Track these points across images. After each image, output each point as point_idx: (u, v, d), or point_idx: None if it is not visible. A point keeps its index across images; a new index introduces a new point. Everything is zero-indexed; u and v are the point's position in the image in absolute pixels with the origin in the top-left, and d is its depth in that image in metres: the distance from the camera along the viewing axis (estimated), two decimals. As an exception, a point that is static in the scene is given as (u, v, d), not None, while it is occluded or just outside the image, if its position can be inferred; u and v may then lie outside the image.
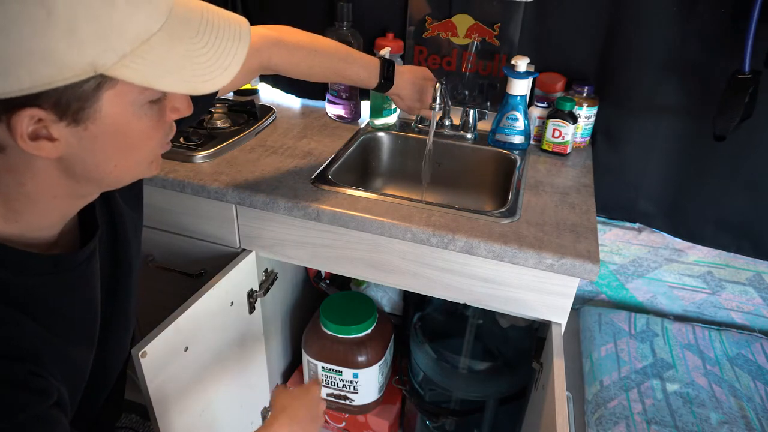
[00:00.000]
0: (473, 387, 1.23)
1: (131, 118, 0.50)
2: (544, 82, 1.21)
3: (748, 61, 0.97)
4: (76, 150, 0.49)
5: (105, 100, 0.47)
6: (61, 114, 0.45)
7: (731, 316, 1.41)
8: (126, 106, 0.49)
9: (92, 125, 0.47)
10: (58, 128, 0.46)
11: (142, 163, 0.55)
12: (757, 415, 1.11)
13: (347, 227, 0.95)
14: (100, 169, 0.52)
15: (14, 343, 0.50)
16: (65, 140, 0.47)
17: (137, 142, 0.52)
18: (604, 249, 1.42)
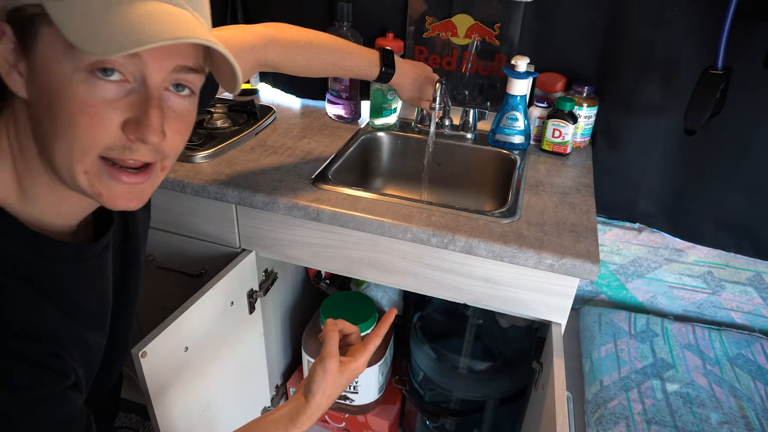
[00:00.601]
0: (473, 387, 1.23)
1: (65, 79, 0.46)
2: (544, 82, 1.21)
3: (721, 57, 0.98)
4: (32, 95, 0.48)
5: (42, 37, 0.46)
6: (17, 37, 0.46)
7: (731, 316, 1.41)
8: (59, 57, 0.45)
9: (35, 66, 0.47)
10: (22, 64, 0.47)
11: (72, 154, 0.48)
12: (757, 415, 1.11)
13: (347, 227, 0.95)
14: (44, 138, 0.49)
15: (37, 324, 0.51)
16: (26, 77, 0.47)
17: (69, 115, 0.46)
18: (604, 249, 1.42)
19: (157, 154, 0.52)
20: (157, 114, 0.49)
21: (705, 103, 1.00)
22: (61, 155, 0.49)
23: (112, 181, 0.51)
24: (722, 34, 0.96)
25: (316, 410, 0.71)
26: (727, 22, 0.95)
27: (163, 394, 0.86)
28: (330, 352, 0.71)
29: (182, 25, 0.47)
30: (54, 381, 0.51)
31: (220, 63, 0.53)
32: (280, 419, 0.70)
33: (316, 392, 0.70)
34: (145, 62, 0.47)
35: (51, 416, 0.50)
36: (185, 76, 0.51)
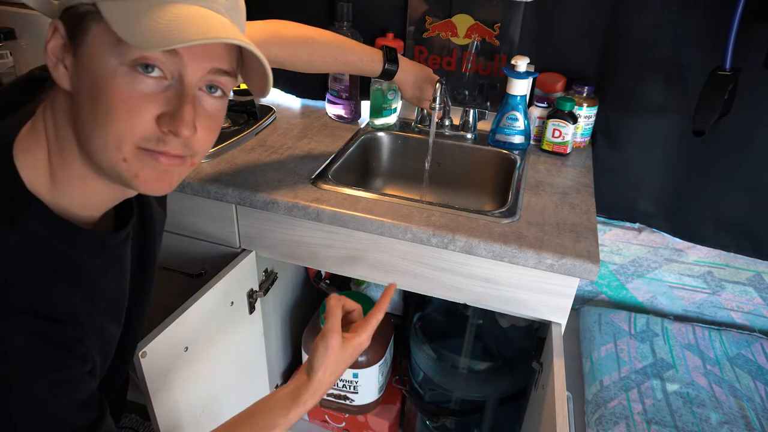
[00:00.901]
0: (473, 387, 1.23)
1: (109, 72, 0.49)
2: (544, 82, 1.21)
3: (729, 59, 0.97)
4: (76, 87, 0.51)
5: (91, 33, 0.49)
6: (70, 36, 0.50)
7: (731, 316, 1.41)
8: (103, 50, 0.49)
9: (80, 58, 0.50)
10: (68, 58, 0.51)
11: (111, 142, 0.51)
12: (757, 415, 1.11)
13: (347, 227, 0.95)
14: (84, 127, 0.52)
15: (63, 308, 0.53)
16: (71, 71, 0.51)
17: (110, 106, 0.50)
18: (604, 249, 1.42)
19: (187, 149, 0.55)
20: (191, 110, 0.52)
21: (713, 104, 0.99)
22: (99, 143, 0.52)
23: (151, 161, 0.53)
24: (730, 35, 0.96)
25: (319, 387, 0.70)
26: (734, 23, 0.94)
27: (163, 394, 0.86)
28: (332, 328, 0.70)
29: (221, 28, 0.51)
30: (76, 365, 0.53)
31: (251, 67, 0.57)
32: (283, 398, 0.69)
33: (318, 369, 0.69)
34: (184, 62, 0.51)
35: (73, 398, 0.52)
36: (219, 78, 0.55)
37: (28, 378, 0.48)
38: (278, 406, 0.69)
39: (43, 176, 0.54)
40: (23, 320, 0.49)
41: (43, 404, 0.49)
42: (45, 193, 0.54)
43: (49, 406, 0.50)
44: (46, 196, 0.54)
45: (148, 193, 0.57)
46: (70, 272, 0.55)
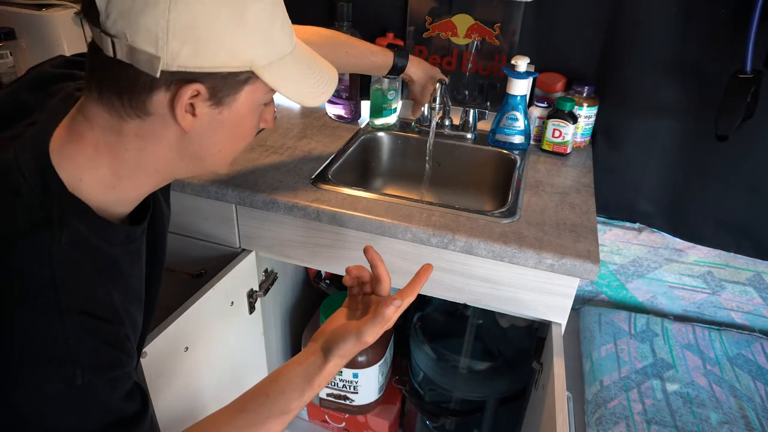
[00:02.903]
0: (473, 387, 1.23)
1: (250, 114, 0.60)
2: (544, 82, 1.21)
3: (750, 61, 0.97)
4: (203, 129, 0.57)
5: (243, 93, 0.57)
6: (212, 95, 0.54)
7: (731, 316, 1.41)
8: (252, 102, 0.59)
9: (226, 111, 0.57)
10: (202, 107, 0.55)
11: (230, 157, 0.63)
12: (757, 415, 1.11)
13: (347, 227, 0.95)
14: (207, 151, 0.60)
15: (110, 308, 0.55)
16: (202, 118, 0.56)
17: (245, 134, 0.62)
18: (604, 249, 1.42)
19: None
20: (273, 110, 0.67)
21: (736, 107, 0.99)
22: (223, 161, 0.63)
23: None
24: (749, 36, 0.94)
25: (334, 370, 0.67)
26: (753, 23, 0.93)
27: (163, 394, 0.86)
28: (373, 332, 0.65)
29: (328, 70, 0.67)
30: (128, 361, 0.56)
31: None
32: (296, 379, 0.66)
33: (338, 356, 0.66)
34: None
35: (123, 391, 0.55)
36: None
37: (91, 377, 0.50)
38: (291, 387, 0.66)
39: (93, 182, 0.56)
40: (79, 321, 0.50)
41: (103, 401, 0.52)
42: (89, 195, 0.56)
43: (108, 402, 0.52)
44: (90, 198, 0.56)
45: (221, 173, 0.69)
46: (110, 271, 0.58)
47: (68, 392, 0.49)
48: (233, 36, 0.52)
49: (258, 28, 0.54)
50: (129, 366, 0.57)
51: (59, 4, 1.35)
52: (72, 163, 0.55)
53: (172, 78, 0.52)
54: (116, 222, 0.60)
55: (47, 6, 1.34)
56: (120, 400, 0.54)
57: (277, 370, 0.69)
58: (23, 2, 1.33)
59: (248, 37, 0.54)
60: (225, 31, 0.52)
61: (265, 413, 0.65)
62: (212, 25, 0.51)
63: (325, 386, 0.69)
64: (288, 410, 0.66)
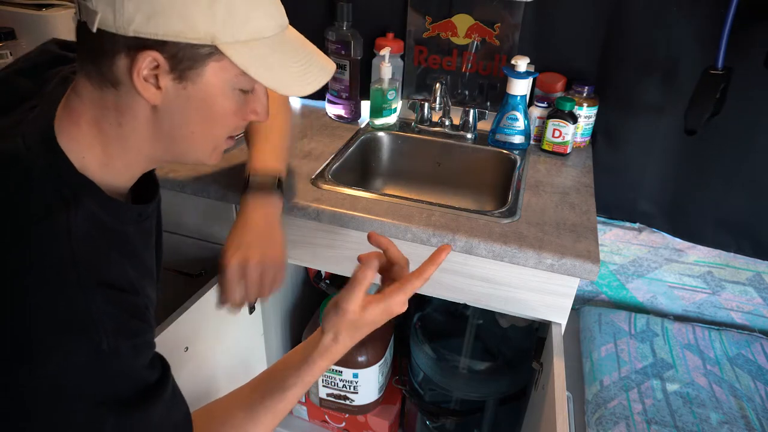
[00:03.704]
0: (473, 387, 1.23)
1: (220, 95, 0.58)
2: (544, 82, 1.21)
3: (722, 58, 0.98)
4: (170, 105, 0.57)
5: (208, 69, 0.56)
6: (173, 66, 0.54)
7: (731, 316, 1.41)
8: (221, 82, 0.57)
9: (191, 86, 0.56)
10: (165, 79, 0.55)
11: (209, 144, 0.62)
12: (757, 415, 1.11)
13: (347, 227, 0.95)
14: (179, 131, 0.59)
15: (126, 281, 0.57)
16: (166, 92, 0.56)
17: (217, 118, 0.60)
18: (604, 249, 1.42)
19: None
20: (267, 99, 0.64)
21: (705, 103, 1.00)
22: (204, 146, 0.62)
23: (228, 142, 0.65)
24: (722, 34, 0.96)
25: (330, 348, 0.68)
26: (727, 22, 0.95)
27: (163, 394, 0.86)
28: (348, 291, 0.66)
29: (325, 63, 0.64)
30: (148, 329, 0.59)
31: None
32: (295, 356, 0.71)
33: (328, 330, 0.67)
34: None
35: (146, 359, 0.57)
36: None
37: (115, 343, 0.52)
38: (290, 365, 0.70)
39: (92, 160, 0.58)
40: (99, 292, 0.52)
41: (128, 367, 0.54)
42: (93, 174, 0.58)
43: (132, 367, 0.55)
44: (94, 176, 0.58)
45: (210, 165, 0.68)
46: (122, 247, 0.60)
47: (95, 358, 0.51)
48: (191, 4, 0.52)
49: (221, 1, 0.53)
50: (149, 335, 0.59)
51: (59, 4, 1.35)
52: (74, 143, 0.57)
53: (129, 43, 0.52)
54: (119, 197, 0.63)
55: (47, 6, 1.34)
56: (143, 367, 0.56)
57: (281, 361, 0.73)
58: (23, 2, 1.33)
59: (207, 8, 0.53)
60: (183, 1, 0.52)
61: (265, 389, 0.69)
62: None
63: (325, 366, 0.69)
64: (285, 386, 0.68)
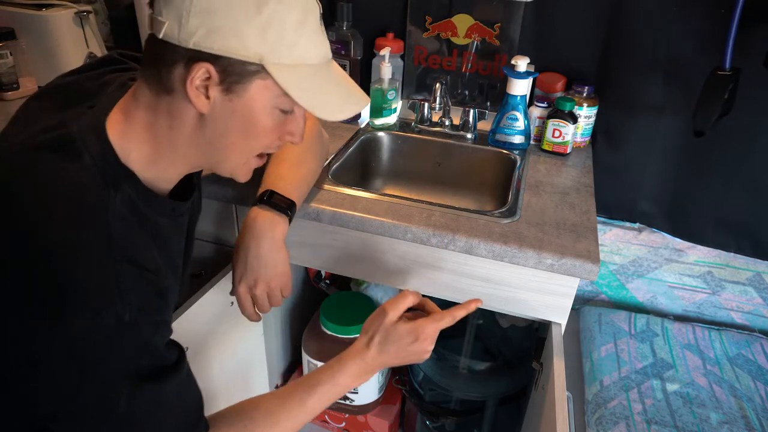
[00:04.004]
0: (473, 387, 1.23)
1: (262, 111, 0.63)
2: (544, 82, 1.21)
3: (729, 58, 0.97)
4: (216, 115, 0.62)
5: (254, 86, 0.61)
6: (222, 79, 0.60)
7: (731, 316, 1.41)
8: (264, 99, 0.62)
9: (236, 99, 0.62)
10: (214, 90, 0.61)
11: (243, 157, 0.67)
12: (757, 415, 1.11)
13: (347, 227, 0.95)
14: (220, 141, 0.64)
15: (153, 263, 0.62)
16: (214, 102, 0.61)
17: (255, 133, 0.65)
18: (604, 249, 1.42)
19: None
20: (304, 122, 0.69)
21: (713, 104, 0.99)
22: (237, 158, 0.67)
23: (255, 163, 0.70)
24: (729, 35, 0.95)
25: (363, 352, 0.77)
26: (734, 23, 0.94)
27: (163, 394, 0.86)
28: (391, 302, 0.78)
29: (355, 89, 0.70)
30: (168, 310, 0.64)
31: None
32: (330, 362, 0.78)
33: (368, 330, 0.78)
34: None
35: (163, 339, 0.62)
36: None
37: (138, 316, 0.56)
38: (326, 365, 0.77)
39: (137, 154, 0.64)
40: (129, 267, 0.57)
41: (147, 342, 0.58)
42: (136, 168, 0.64)
43: (151, 343, 0.59)
44: (137, 171, 0.64)
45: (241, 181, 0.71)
46: (154, 235, 0.65)
47: (117, 328, 0.55)
48: (246, 25, 0.58)
49: (273, 25, 0.59)
50: (168, 316, 0.64)
51: (59, 4, 1.35)
52: (123, 140, 0.63)
53: (188, 54, 0.59)
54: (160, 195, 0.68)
55: (47, 6, 1.34)
56: (162, 346, 0.61)
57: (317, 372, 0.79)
58: (23, 2, 1.33)
59: (261, 30, 0.58)
60: (239, 19, 0.57)
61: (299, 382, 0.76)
62: (229, 10, 0.57)
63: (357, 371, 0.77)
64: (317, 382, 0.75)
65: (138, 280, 0.58)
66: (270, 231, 0.82)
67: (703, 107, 1.01)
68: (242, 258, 0.82)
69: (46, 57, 1.35)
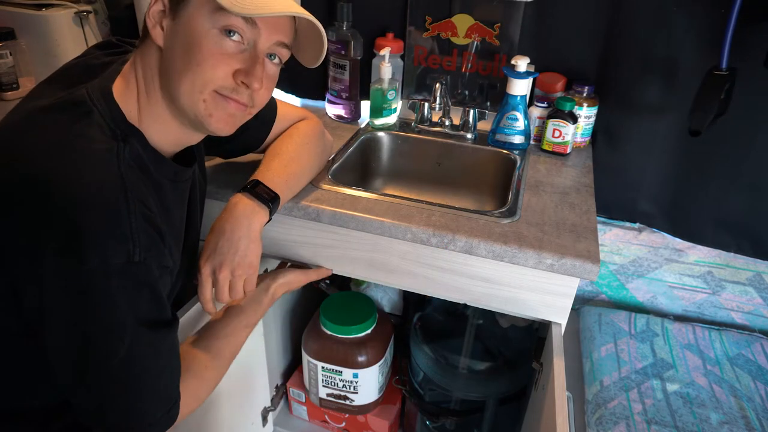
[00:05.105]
0: (473, 387, 1.23)
1: (201, 32, 0.64)
2: (544, 82, 1.21)
3: (726, 58, 0.97)
4: (169, 44, 0.65)
5: (193, 4, 0.64)
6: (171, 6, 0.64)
7: (731, 316, 1.41)
8: (201, 16, 0.64)
9: (179, 22, 0.64)
10: (166, 20, 0.65)
11: (193, 87, 0.66)
12: (757, 415, 1.11)
13: (347, 227, 0.95)
14: (173, 69, 0.66)
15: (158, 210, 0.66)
16: (167, 32, 0.65)
17: (197, 55, 0.64)
18: (604, 249, 1.42)
19: (250, 100, 0.70)
20: (261, 69, 0.68)
21: (709, 104, 0.99)
22: (186, 86, 0.66)
23: (223, 103, 0.68)
24: (726, 34, 0.96)
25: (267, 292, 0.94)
26: (731, 22, 0.94)
27: (163, 394, 0.86)
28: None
29: (294, 5, 0.67)
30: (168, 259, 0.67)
31: (303, 41, 0.74)
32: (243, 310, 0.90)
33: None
34: (259, 32, 0.66)
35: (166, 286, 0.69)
36: (280, 50, 0.71)
37: (146, 256, 0.60)
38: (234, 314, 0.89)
39: (134, 113, 0.68)
40: (140, 207, 0.60)
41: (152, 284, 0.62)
42: (137, 126, 0.68)
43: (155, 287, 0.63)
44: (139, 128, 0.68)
45: (215, 133, 0.70)
46: (155, 191, 0.68)
47: (128, 266, 0.58)
48: None
49: None
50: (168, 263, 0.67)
51: (59, 4, 1.35)
52: (124, 102, 0.67)
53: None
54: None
55: (47, 6, 1.34)
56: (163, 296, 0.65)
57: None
58: (23, 2, 1.33)
59: None
60: None
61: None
62: None
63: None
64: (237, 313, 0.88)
65: (147, 221, 0.61)
66: (247, 219, 0.81)
67: (699, 107, 1.01)
68: (214, 239, 0.81)
69: (46, 57, 1.35)
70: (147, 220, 0.61)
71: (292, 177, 0.91)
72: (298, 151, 0.93)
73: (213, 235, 0.82)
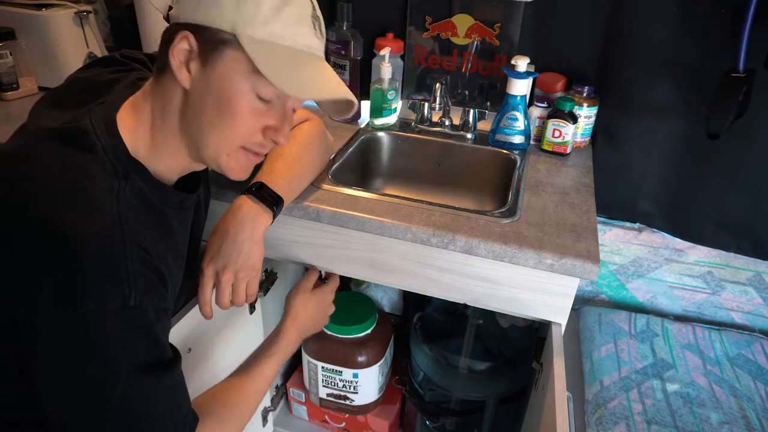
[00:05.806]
0: (473, 387, 1.23)
1: (237, 91, 0.64)
2: (544, 82, 1.21)
3: (743, 60, 0.97)
4: (195, 90, 0.65)
5: (226, 56, 0.63)
6: (200, 49, 0.63)
7: (731, 316, 1.41)
8: (237, 74, 0.63)
9: (211, 72, 0.63)
10: (194, 64, 0.64)
11: (222, 143, 0.67)
12: (757, 415, 1.11)
13: (347, 227, 0.95)
14: (199, 119, 0.66)
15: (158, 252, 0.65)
16: (193, 76, 0.64)
17: (230, 113, 0.65)
18: (604, 249, 1.42)
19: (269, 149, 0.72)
20: (289, 125, 0.70)
21: (728, 106, 0.99)
22: (215, 139, 0.67)
23: (244, 157, 0.70)
24: (742, 36, 0.95)
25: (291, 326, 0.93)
26: (747, 23, 0.94)
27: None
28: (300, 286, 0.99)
29: (337, 83, 0.70)
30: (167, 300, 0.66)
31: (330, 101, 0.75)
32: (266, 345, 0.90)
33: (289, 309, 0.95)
34: (290, 97, 0.68)
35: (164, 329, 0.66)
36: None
37: (141, 300, 0.59)
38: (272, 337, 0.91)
39: (143, 146, 0.68)
40: (137, 251, 0.60)
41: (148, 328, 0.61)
42: (143, 159, 0.68)
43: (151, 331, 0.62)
44: (148, 162, 0.68)
45: (232, 178, 0.72)
46: (160, 224, 0.69)
47: (123, 311, 0.57)
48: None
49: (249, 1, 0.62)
50: (168, 305, 0.66)
51: (59, 4, 1.35)
52: (132, 134, 0.67)
53: (178, 29, 0.63)
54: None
55: (47, 6, 1.34)
56: (162, 337, 0.64)
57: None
58: (23, 2, 1.33)
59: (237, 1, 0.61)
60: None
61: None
62: None
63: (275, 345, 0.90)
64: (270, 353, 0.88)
65: (144, 264, 0.60)
66: (251, 222, 0.81)
67: (718, 110, 1.00)
68: (217, 241, 0.81)
69: (46, 57, 1.35)
70: (144, 263, 0.60)
71: (296, 179, 0.92)
72: (301, 152, 0.93)
73: (216, 236, 0.81)
